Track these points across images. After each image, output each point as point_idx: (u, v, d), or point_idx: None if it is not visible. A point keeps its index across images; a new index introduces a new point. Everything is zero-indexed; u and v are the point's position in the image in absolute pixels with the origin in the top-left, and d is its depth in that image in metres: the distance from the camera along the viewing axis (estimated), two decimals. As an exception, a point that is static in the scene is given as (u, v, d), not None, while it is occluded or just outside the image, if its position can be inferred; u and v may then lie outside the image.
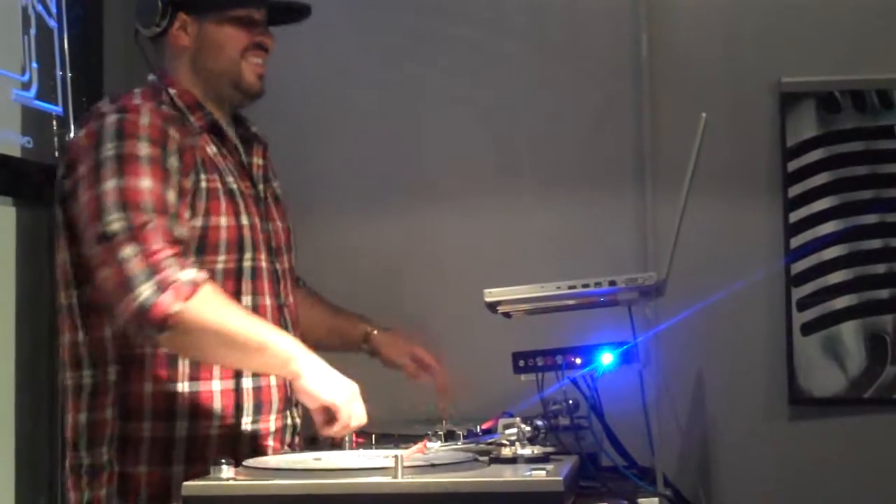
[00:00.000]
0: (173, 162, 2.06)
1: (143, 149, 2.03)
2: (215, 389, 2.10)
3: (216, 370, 2.10)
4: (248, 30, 2.22)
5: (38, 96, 2.75)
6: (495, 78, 3.22)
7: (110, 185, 1.99)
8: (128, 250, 1.93)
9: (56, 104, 2.80)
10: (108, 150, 2.02)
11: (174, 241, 1.98)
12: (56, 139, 2.77)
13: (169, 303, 1.91)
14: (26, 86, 2.70)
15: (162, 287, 1.91)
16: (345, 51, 3.28)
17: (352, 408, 2.01)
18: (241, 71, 2.22)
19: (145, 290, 1.91)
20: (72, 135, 2.40)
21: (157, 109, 2.11)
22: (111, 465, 2.07)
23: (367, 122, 3.26)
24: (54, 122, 2.78)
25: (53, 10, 2.83)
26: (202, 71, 2.22)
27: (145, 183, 2.00)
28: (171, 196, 2.03)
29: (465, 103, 3.23)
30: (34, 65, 2.74)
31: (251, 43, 2.22)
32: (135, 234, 1.95)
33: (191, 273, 1.95)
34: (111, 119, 2.05)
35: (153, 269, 1.92)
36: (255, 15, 2.24)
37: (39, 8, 2.77)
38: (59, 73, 2.82)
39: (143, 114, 2.07)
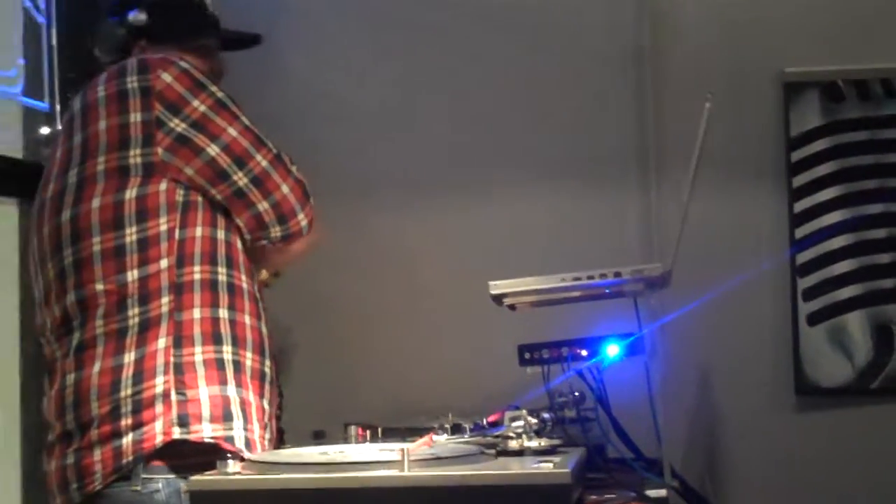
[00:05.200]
0: None
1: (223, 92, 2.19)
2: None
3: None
4: (204, 59, 2.33)
5: (25, 92, 2.74)
6: (495, 69, 3.20)
7: (242, 124, 2.16)
8: (294, 167, 2.21)
9: (42, 100, 2.79)
10: (211, 95, 2.14)
11: None
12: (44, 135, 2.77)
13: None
14: (12, 81, 2.70)
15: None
16: (337, 46, 3.25)
17: None
18: None
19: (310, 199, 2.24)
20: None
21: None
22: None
23: (364, 119, 3.23)
24: (43, 119, 2.78)
25: (42, 5, 2.81)
26: None
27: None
28: None
29: (466, 96, 3.21)
30: (21, 60, 2.72)
31: (207, 70, 2.27)
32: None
33: None
34: (184, 66, 2.14)
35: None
36: (210, 44, 2.37)
37: (27, 3, 2.76)
38: (46, 69, 2.81)
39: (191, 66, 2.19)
